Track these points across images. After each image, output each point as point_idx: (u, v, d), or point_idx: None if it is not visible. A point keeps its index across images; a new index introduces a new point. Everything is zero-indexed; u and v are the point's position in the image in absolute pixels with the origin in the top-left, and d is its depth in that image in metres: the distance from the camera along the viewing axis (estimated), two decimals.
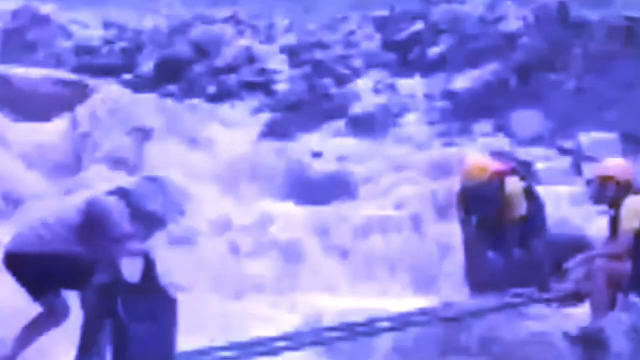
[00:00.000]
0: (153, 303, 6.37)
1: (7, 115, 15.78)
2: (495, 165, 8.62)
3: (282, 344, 7.27)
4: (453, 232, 8.96)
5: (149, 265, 6.47)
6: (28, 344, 6.52)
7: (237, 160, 15.28)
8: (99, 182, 13.33)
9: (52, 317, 6.44)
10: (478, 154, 8.98)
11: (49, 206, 11.17)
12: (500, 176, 8.52)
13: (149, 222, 6.82)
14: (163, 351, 6.37)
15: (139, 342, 6.25)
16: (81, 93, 16.57)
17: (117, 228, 6.38)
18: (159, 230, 6.95)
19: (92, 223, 6.38)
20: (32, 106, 16.58)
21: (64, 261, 6.26)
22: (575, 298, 7.98)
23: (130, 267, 6.45)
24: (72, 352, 6.38)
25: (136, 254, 6.45)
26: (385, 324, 7.77)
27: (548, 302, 8.21)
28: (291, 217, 13.02)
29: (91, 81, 20.61)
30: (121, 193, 6.85)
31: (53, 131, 15.08)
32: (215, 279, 11.57)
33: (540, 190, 9.33)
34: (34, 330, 6.51)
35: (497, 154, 9.18)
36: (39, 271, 6.30)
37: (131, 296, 6.31)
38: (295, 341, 7.39)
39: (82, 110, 15.13)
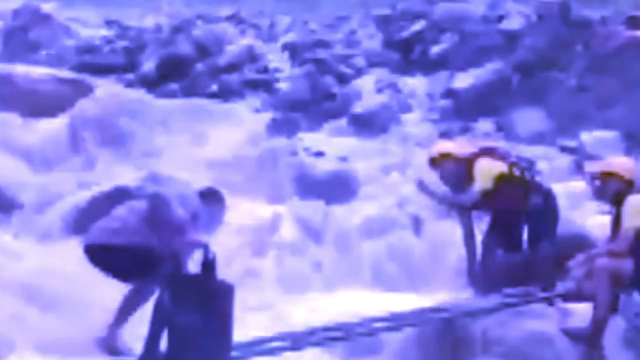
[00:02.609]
0: (211, 293, 6.59)
1: (7, 113, 15.80)
2: (461, 149, 8.53)
3: (279, 343, 7.27)
4: (454, 231, 8.95)
5: (208, 258, 6.70)
6: (123, 323, 6.92)
7: (238, 158, 15.26)
8: (100, 181, 13.36)
9: (137, 296, 6.82)
10: (444, 141, 8.90)
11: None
12: (467, 160, 8.43)
13: (217, 205, 7.18)
14: (220, 339, 6.60)
15: (197, 331, 6.46)
16: (82, 92, 16.57)
17: (177, 217, 6.68)
18: (223, 213, 7.26)
19: (156, 214, 6.72)
20: (33, 105, 16.58)
21: (134, 251, 6.62)
22: (577, 296, 7.97)
23: (190, 258, 6.77)
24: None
25: (196, 245, 6.72)
26: (386, 324, 7.77)
27: (550, 300, 8.20)
28: (292, 215, 13.01)
29: (92, 80, 20.64)
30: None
31: (54, 129, 15.08)
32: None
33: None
34: (125, 309, 6.90)
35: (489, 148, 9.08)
36: (115, 261, 6.69)
37: (191, 286, 6.56)
38: (294, 341, 7.39)
39: (83, 109, 15.13)
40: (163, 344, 6.65)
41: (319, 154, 16.77)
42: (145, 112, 16.12)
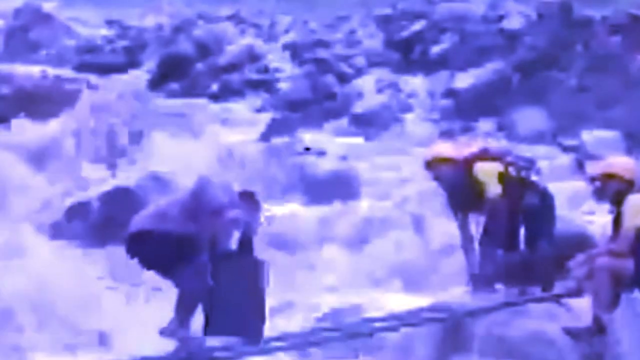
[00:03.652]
0: (244, 272, 7.02)
1: (9, 113, 15.81)
2: (456, 152, 8.52)
3: (279, 343, 7.28)
4: (455, 230, 8.94)
5: (247, 236, 7.12)
6: (187, 320, 6.95)
7: (239, 157, 15.28)
8: (100, 180, 13.38)
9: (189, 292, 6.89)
10: (438, 143, 8.89)
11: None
12: (466, 162, 8.42)
13: (252, 205, 7.32)
14: (255, 311, 7.03)
15: (225, 306, 6.88)
16: (83, 91, 16.58)
17: (216, 200, 6.91)
18: (259, 213, 7.40)
19: (197, 198, 6.94)
20: (34, 104, 16.59)
21: (175, 239, 6.79)
22: (578, 296, 7.97)
23: (228, 236, 7.01)
24: None
25: (233, 223, 6.98)
26: (387, 323, 7.77)
27: (551, 300, 8.20)
28: (293, 214, 13.02)
29: (94, 79, 20.64)
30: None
31: (54, 129, 15.09)
32: None
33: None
34: (182, 308, 6.94)
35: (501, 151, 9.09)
36: (156, 249, 6.87)
37: (228, 263, 6.93)
38: (296, 340, 7.40)
39: (83, 108, 15.14)
40: (199, 317, 6.97)
41: (320, 153, 16.77)
42: (146, 111, 16.13)
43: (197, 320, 7.05)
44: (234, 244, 7.08)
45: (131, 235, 7.02)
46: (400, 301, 9.13)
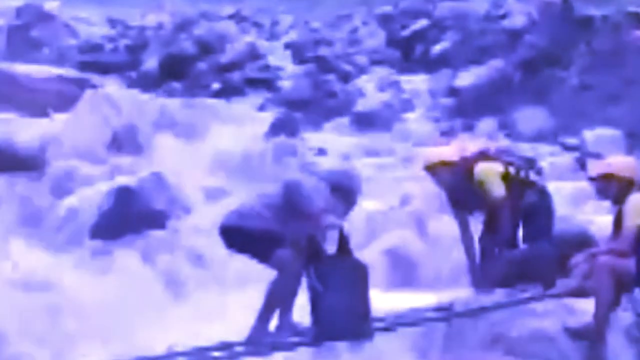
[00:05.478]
0: (347, 273, 7.17)
1: (10, 111, 15.80)
2: (454, 155, 8.51)
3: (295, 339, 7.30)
4: (456, 229, 8.94)
5: (343, 238, 7.28)
6: (275, 307, 7.27)
7: (240, 157, 15.27)
8: (100, 178, 13.37)
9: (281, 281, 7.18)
10: (439, 145, 8.90)
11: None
12: (466, 164, 8.42)
13: (347, 198, 7.44)
14: (357, 316, 7.20)
15: (335, 310, 7.05)
16: (84, 90, 16.57)
17: (312, 205, 7.07)
18: (354, 206, 7.56)
19: (290, 203, 7.12)
20: (35, 103, 16.59)
21: (261, 237, 7.07)
22: (579, 295, 7.96)
23: (326, 240, 7.22)
24: None
25: (332, 227, 7.21)
26: (388, 322, 7.77)
27: (552, 298, 8.20)
28: None
29: (95, 78, 20.63)
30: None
31: (55, 127, 15.08)
32: (218, 277, 11.57)
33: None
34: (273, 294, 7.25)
35: (502, 151, 9.09)
36: (245, 243, 7.18)
37: (327, 266, 7.12)
38: (299, 338, 7.40)
39: (84, 107, 15.13)
40: (307, 319, 7.23)
41: (321, 151, 16.76)
42: (147, 110, 16.13)
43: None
44: (331, 247, 7.23)
45: (221, 228, 7.32)
46: (401, 300, 9.11)
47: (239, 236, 7.23)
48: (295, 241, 7.11)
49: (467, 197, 8.42)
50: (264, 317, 7.24)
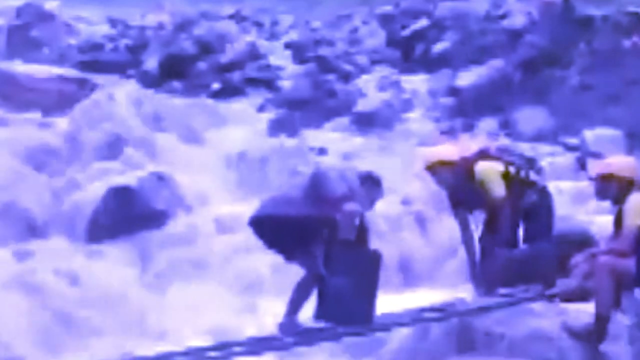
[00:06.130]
0: (359, 261, 7.34)
1: (10, 111, 15.81)
2: (455, 155, 8.51)
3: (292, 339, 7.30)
4: (457, 228, 8.93)
5: (363, 227, 7.45)
6: (300, 305, 7.36)
7: (241, 156, 15.28)
8: (101, 180, 13.36)
9: (308, 277, 7.30)
10: (439, 145, 8.92)
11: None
12: (466, 163, 8.42)
13: (376, 188, 7.67)
14: (367, 301, 7.37)
15: (340, 294, 7.20)
16: (85, 90, 16.58)
17: (335, 191, 7.23)
18: (380, 197, 7.77)
19: (315, 188, 7.26)
20: (36, 102, 16.60)
21: (297, 222, 7.17)
22: (580, 295, 7.96)
23: (347, 227, 7.29)
24: None
25: (352, 214, 7.28)
26: (388, 322, 7.77)
27: (552, 298, 8.20)
28: None
29: (95, 78, 20.63)
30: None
31: (56, 128, 15.09)
32: (219, 276, 11.58)
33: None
34: (300, 293, 7.34)
35: (502, 150, 9.09)
36: (279, 232, 7.26)
37: (344, 252, 7.26)
38: (299, 338, 7.40)
39: (85, 107, 15.14)
40: (312, 304, 7.33)
41: (322, 151, 16.76)
42: (148, 110, 16.13)
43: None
44: (352, 233, 7.35)
45: (252, 218, 7.41)
46: (402, 299, 9.12)
47: (271, 225, 7.32)
48: (321, 230, 7.24)
49: (468, 197, 8.42)
50: (292, 310, 7.36)
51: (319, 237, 7.25)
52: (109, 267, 11.61)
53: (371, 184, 7.63)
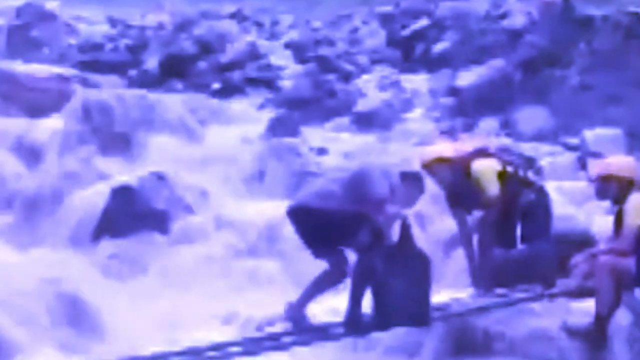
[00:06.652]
0: (409, 262, 7.37)
1: (10, 111, 15.80)
2: (452, 152, 8.52)
3: (288, 339, 7.30)
4: (456, 228, 8.94)
5: (406, 228, 7.44)
6: (312, 298, 7.46)
7: (240, 156, 15.27)
8: (101, 179, 13.36)
9: (333, 274, 7.36)
10: (436, 143, 8.94)
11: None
12: (463, 161, 8.43)
13: (417, 186, 7.70)
14: (418, 306, 7.40)
15: (396, 297, 7.26)
16: (84, 90, 16.57)
17: (377, 191, 7.20)
18: (421, 195, 7.78)
19: (357, 186, 7.23)
20: (36, 102, 16.60)
21: (336, 217, 7.15)
22: (580, 294, 7.96)
23: (389, 229, 7.37)
24: None
25: (394, 217, 7.35)
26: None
27: (552, 298, 8.20)
28: None
29: (95, 78, 20.62)
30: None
31: (55, 127, 15.08)
32: (219, 276, 11.57)
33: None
34: (317, 286, 7.43)
35: (502, 150, 9.11)
36: (316, 225, 7.26)
37: (390, 255, 7.29)
38: (302, 336, 7.41)
39: (84, 106, 15.13)
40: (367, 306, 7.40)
41: (322, 151, 16.75)
42: (148, 110, 16.12)
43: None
44: (394, 236, 7.40)
45: (290, 208, 7.45)
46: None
47: (307, 217, 7.32)
48: (356, 229, 7.21)
49: (465, 195, 8.43)
50: (304, 300, 7.44)
51: (352, 236, 7.21)
52: (109, 266, 11.61)
53: (412, 181, 7.65)
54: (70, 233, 12.50)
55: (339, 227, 7.18)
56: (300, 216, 7.39)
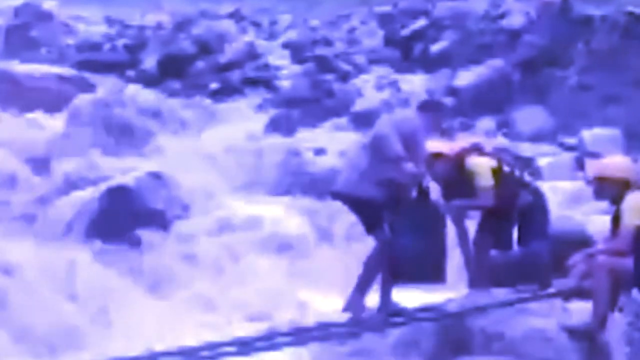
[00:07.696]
0: (425, 216, 7.60)
1: (9, 110, 15.81)
2: (448, 148, 8.54)
3: (282, 339, 7.28)
4: (453, 227, 8.93)
5: (423, 187, 7.70)
6: (372, 277, 7.60)
7: (239, 156, 15.28)
8: (100, 179, 13.35)
9: (380, 249, 7.53)
10: (433, 141, 8.97)
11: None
12: (458, 157, 8.45)
13: (436, 111, 7.99)
14: (434, 262, 7.62)
15: (413, 253, 7.47)
16: (83, 89, 16.59)
17: (395, 152, 7.41)
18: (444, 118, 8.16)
19: (377, 150, 7.50)
20: (34, 102, 16.60)
21: (367, 200, 7.47)
22: (577, 294, 7.96)
23: (409, 187, 7.61)
24: None
25: (413, 175, 7.53)
26: (385, 321, 7.76)
27: (549, 298, 8.19)
28: (293, 212, 13.01)
29: (93, 77, 20.64)
30: None
31: (54, 126, 15.09)
32: (217, 275, 11.57)
33: (543, 185, 9.31)
34: (370, 263, 7.58)
35: (500, 150, 9.13)
36: (356, 208, 7.63)
37: (409, 211, 7.54)
38: (298, 337, 7.40)
39: (83, 106, 15.13)
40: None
41: (320, 151, 16.76)
42: (146, 109, 16.13)
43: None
44: (411, 192, 7.65)
45: (332, 193, 7.93)
46: (401, 298, 9.10)
47: (346, 202, 7.72)
48: (388, 201, 7.42)
49: (459, 190, 8.43)
50: (361, 288, 7.56)
51: (385, 207, 7.48)
52: (107, 266, 11.60)
53: (432, 107, 7.98)
54: (68, 232, 12.50)
55: (371, 208, 7.49)
56: (343, 200, 7.82)
